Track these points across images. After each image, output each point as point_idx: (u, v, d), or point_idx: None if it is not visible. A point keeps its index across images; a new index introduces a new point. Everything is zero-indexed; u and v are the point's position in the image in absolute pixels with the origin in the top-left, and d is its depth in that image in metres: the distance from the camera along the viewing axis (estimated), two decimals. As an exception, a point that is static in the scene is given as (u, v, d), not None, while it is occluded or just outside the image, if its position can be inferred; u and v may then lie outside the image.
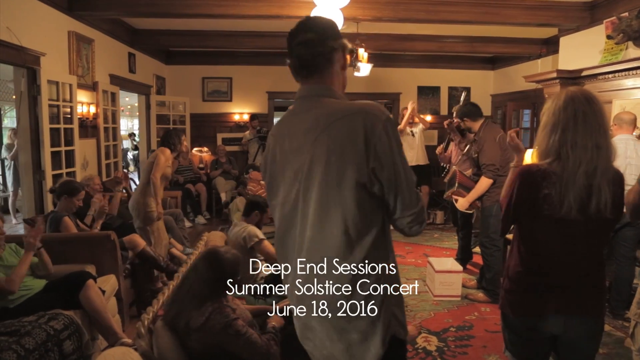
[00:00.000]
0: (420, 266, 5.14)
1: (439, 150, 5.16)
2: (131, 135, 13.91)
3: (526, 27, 5.84)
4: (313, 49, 1.39)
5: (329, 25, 1.44)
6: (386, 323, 1.34)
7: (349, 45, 1.47)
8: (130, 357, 1.72)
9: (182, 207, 6.55)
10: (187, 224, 6.72)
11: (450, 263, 4.35)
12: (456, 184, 4.13)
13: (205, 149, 8.40)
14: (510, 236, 4.32)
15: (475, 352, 3.26)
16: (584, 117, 1.63)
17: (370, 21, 5.50)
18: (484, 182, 3.95)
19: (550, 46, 6.92)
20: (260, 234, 3.35)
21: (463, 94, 5.79)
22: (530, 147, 3.87)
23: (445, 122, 4.81)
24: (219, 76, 8.68)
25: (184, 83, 8.61)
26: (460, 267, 4.29)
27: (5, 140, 7.73)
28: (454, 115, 4.45)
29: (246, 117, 8.61)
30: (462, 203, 4.16)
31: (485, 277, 4.20)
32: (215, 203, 7.82)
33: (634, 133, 3.81)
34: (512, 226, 1.85)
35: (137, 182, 7.05)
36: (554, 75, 5.21)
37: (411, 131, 6.94)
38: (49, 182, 4.42)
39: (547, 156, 1.68)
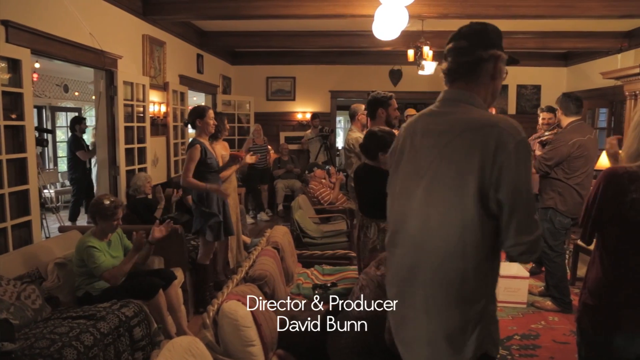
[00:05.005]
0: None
1: None
2: None
3: (606, 19, 5.45)
4: (460, 58, 1.43)
5: (484, 34, 1.44)
6: (480, 339, 1.34)
7: (504, 56, 1.44)
8: (196, 347, 1.78)
9: (245, 204, 6.71)
10: (249, 220, 6.88)
11: (516, 268, 4.17)
12: None
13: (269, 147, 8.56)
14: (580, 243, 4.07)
15: (542, 363, 3.11)
16: None
17: (436, 18, 5.37)
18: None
19: (633, 39, 6.45)
20: None
21: None
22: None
23: None
24: (283, 76, 8.83)
25: (249, 83, 8.82)
26: (526, 273, 4.09)
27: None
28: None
29: (309, 116, 8.69)
30: None
31: (549, 284, 3.99)
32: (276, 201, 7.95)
33: None
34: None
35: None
36: (638, 70, 4.84)
37: None
38: (122, 178, 4.68)
39: (638, 158, 1.56)
